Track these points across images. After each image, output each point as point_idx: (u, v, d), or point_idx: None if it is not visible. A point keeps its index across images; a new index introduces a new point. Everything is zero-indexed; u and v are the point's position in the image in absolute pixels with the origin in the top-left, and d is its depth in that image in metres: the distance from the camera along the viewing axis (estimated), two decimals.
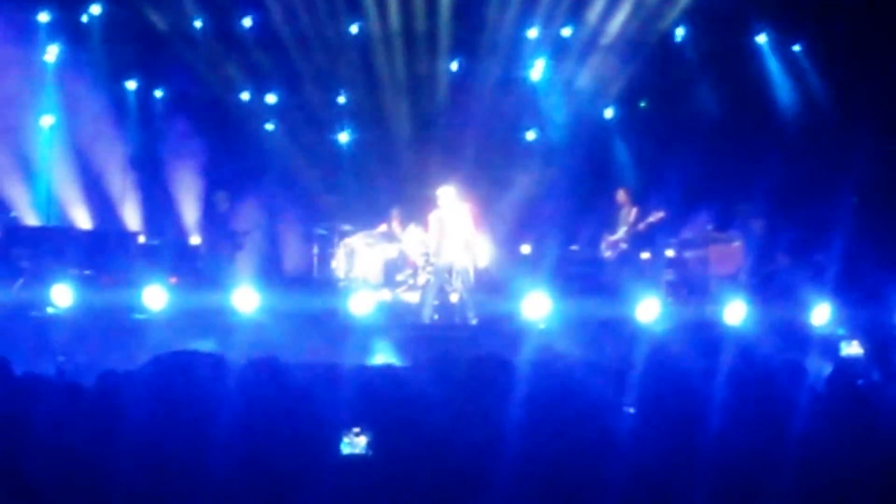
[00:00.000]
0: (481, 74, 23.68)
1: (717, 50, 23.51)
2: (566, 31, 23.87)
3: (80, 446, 4.17)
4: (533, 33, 23.98)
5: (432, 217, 18.69)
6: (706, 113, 23.93)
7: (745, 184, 21.93)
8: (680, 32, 24.14)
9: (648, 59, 23.61)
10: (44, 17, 22.60)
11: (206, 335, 16.10)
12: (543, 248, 21.51)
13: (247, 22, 23.62)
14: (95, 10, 22.94)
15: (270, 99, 23.87)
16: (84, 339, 15.75)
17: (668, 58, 23.94)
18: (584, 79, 24.24)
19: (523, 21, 23.76)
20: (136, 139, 23.05)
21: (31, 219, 21.58)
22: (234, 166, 22.33)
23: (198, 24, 23.45)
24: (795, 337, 15.94)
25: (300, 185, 22.56)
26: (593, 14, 23.59)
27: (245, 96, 23.94)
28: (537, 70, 24.37)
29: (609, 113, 24.65)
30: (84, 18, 22.99)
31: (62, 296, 17.16)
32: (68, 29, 22.77)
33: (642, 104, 24.60)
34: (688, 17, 23.75)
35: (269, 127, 23.96)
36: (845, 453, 6.61)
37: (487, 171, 21.30)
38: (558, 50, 24.01)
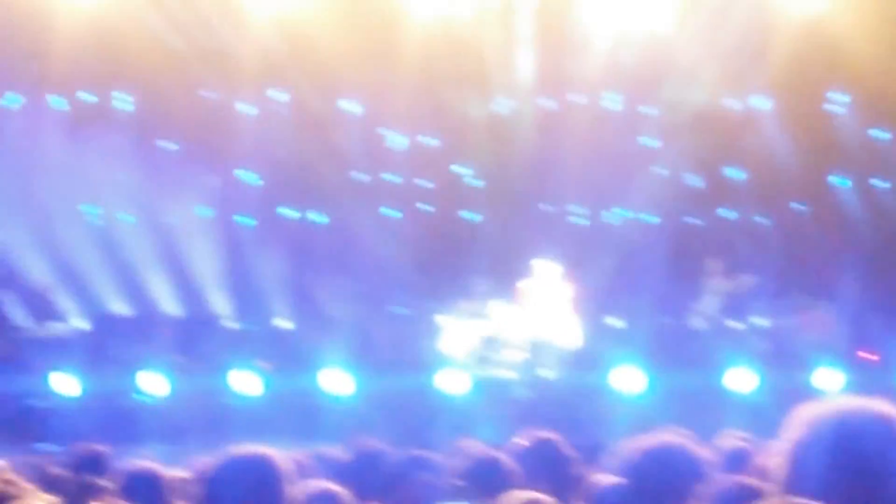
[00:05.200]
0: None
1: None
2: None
3: None
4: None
5: (526, 288, 18.57)
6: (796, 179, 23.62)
7: (836, 250, 21.67)
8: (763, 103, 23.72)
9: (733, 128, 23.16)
10: None
11: (297, 418, 16.13)
12: (633, 321, 21.31)
13: None
14: None
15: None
16: (177, 425, 15.84)
17: (750, 126, 23.52)
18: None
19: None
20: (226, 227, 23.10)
21: (120, 307, 21.71)
22: (323, 248, 22.34)
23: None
24: None
25: (387, 263, 22.49)
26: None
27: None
28: None
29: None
30: None
31: (153, 383, 17.28)
32: None
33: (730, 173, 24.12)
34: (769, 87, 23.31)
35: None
36: None
37: (576, 247, 21.11)
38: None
